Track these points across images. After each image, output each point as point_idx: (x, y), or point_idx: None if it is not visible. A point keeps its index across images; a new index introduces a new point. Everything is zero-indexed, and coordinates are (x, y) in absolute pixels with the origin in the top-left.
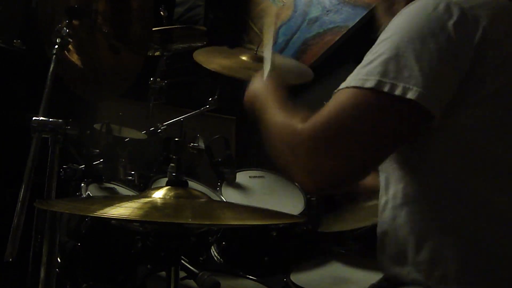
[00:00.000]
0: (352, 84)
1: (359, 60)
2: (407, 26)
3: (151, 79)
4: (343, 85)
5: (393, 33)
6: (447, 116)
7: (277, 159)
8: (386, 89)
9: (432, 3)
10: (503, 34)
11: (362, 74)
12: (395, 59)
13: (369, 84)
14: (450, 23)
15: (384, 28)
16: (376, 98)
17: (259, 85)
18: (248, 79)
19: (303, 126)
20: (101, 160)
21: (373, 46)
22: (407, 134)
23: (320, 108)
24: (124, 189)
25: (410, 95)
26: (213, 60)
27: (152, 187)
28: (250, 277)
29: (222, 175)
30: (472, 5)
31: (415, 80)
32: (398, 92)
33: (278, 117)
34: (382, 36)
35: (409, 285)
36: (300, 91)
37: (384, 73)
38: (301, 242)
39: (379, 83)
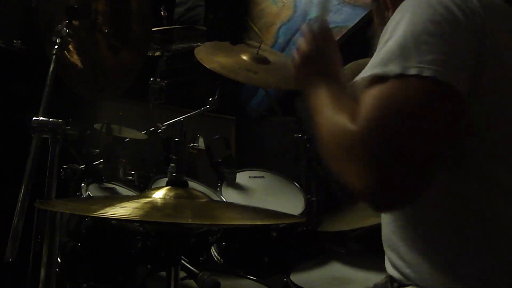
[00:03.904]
0: (377, 71)
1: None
2: (411, 12)
3: (151, 79)
4: (365, 73)
5: (397, 22)
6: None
7: (330, 164)
8: (427, 73)
9: None
10: (496, 26)
11: (388, 61)
12: (407, 43)
13: (413, 71)
14: (451, 4)
15: (380, 29)
16: (421, 84)
17: (315, 54)
18: (247, 81)
19: (357, 127)
20: (101, 160)
21: (381, 46)
22: (458, 121)
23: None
24: (124, 189)
25: (442, 77)
26: (213, 58)
27: (152, 187)
28: (250, 277)
29: (222, 175)
30: None
31: (438, 62)
32: (433, 74)
33: (333, 111)
34: (388, 30)
35: (416, 285)
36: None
37: (405, 58)
38: (301, 242)
39: (406, 69)
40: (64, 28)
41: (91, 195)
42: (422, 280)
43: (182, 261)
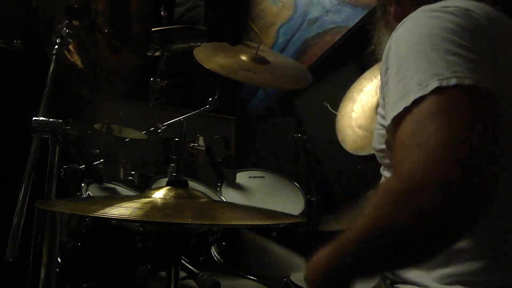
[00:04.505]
0: (413, 97)
1: (359, 60)
2: (419, 31)
3: (151, 79)
4: (395, 111)
5: (405, 45)
6: None
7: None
8: (468, 82)
9: (426, 9)
10: (500, 37)
11: (414, 85)
12: (432, 58)
13: (453, 81)
14: (455, 16)
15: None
16: (465, 94)
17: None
18: (247, 81)
19: (400, 177)
20: (101, 160)
21: (389, 69)
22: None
23: (320, 107)
24: (124, 189)
25: (469, 81)
26: (213, 58)
27: (152, 187)
28: (250, 277)
29: (222, 175)
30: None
31: (462, 68)
32: (463, 82)
33: (357, 224)
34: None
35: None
36: (300, 91)
37: (438, 73)
38: (301, 242)
39: (443, 81)
40: (64, 28)
41: (91, 195)
42: (412, 279)
43: (182, 261)
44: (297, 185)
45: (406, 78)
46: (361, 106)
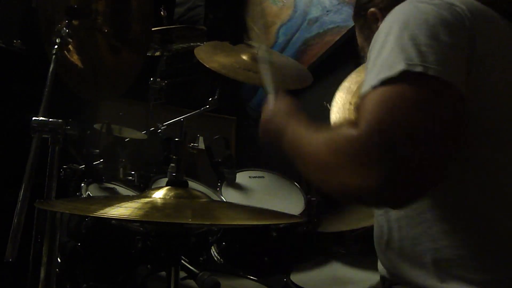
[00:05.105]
0: (382, 77)
1: (359, 60)
2: (401, 19)
3: (151, 79)
4: (366, 88)
5: (388, 32)
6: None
7: (324, 181)
8: (432, 72)
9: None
10: (484, 29)
11: (387, 65)
12: (406, 45)
13: (419, 69)
14: (439, 8)
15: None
16: (427, 83)
17: (273, 112)
18: (247, 81)
19: (359, 131)
20: (101, 160)
21: (371, 51)
22: (461, 121)
23: (320, 107)
24: (124, 189)
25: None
26: (213, 58)
27: (152, 187)
28: (250, 277)
29: (222, 175)
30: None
31: (433, 59)
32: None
33: (315, 133)
34: (377, 39)
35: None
36: (300, 91)
37: (407, 58)
38: (301, 242)
39: (410, 66)
40: (64, 28)
41: (91, 195)
42: (409, 279)
43: (182, 261)
44: (297, 185)
45: (380, 59)
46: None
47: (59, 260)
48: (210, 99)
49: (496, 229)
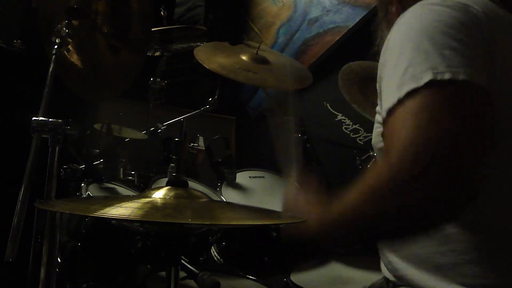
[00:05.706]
0: (407, 89)
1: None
2: (417, 24)
3: (151, 79)
4: (389, 103)
5: (404, 38)
6: None
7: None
8: (462, 76)
9: (425, 2)
10: (498, 31)
11: (409, 78)
12: (427, 51)
13: (447, 76)
14: (454, 10)
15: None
16: (458, 89)
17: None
18: (247, 82)
19: (387, 167)
20: (101, 160)
21: (386, 63)
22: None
23: (320, 107)
24: (124, 189)
25: (463, 76)
26: (213, 59)
27: (152, 187)
28: (250, 277)
29: (222, 175)
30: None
31: (457, 63)
32: (458, 77)
33: (344, 201)
34: (391, 51)
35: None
36: (300, 91)
37: (433, 66)
38: (301, 242)
39: (438, 75)
40: (64, 28)
41: (91, 195)
42: (412, 281)
43: (182, 261)
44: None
45: (401, 70)
46: None
47: (59, 260)
48: (210, 99)
49: (502, 234)
